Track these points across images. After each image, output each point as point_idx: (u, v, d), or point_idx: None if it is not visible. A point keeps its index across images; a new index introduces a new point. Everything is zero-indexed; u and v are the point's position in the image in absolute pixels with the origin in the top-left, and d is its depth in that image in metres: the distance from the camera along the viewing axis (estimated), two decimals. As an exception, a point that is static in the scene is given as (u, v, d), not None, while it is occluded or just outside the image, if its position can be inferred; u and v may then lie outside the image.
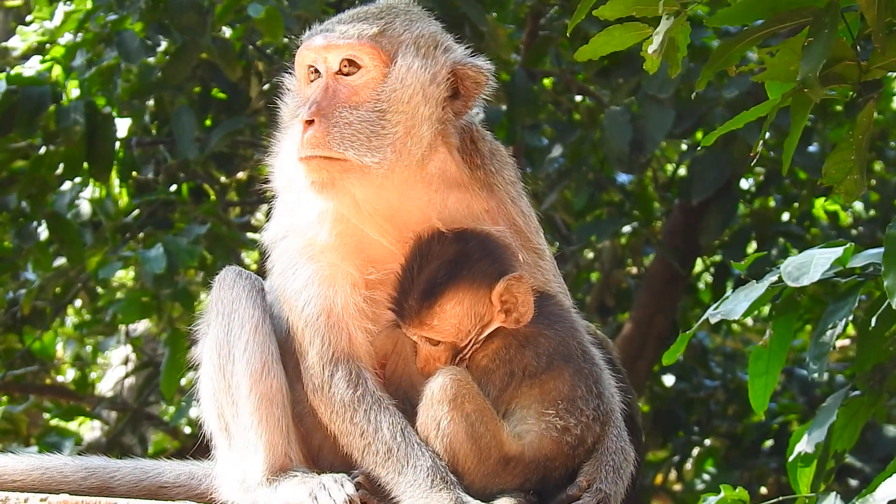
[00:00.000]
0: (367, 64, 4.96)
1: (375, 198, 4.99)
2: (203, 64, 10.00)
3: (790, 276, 5.28)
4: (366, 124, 4.90)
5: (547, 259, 5.24)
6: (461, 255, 4.95)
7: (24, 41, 10.46)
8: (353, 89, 4.96)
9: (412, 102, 4.93)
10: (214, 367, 5.10)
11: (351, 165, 4.88)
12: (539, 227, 5.27)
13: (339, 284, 5.02)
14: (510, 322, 4.96)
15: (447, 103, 5.01)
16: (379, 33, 4.98)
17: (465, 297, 4.94)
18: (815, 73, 4.69)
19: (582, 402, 4.91)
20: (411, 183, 5.00)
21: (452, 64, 5.01)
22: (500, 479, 4.82)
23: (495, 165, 5.17)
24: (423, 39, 5.02)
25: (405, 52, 4.97)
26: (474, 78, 5.02)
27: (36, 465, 5.52)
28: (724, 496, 5.52)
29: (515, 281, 4.94)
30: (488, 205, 5.12)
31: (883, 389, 6.02)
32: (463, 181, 5.09)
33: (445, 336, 4.97)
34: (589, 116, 11.04)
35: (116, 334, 12.89)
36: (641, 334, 11.34)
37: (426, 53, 5.00)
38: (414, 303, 4.94)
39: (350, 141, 4.88)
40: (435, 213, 5.05)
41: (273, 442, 4.99)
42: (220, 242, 10.23)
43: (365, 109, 4.93)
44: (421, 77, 4.95)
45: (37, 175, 9.93)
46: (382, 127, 4.91)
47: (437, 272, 4.93)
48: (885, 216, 10.59)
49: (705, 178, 10.14)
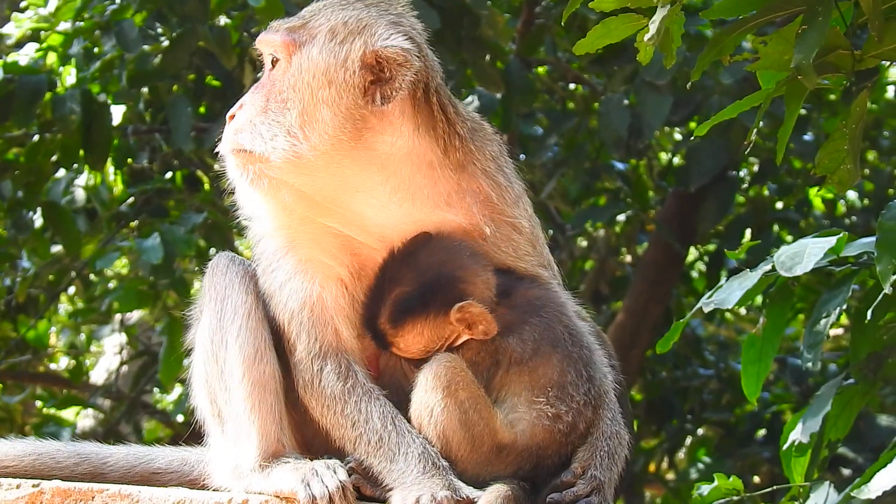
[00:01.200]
0: (282, 57, 5.03)
1: (312, 184, 5.01)
2: (198, 52, 9.99)
3: (783, 266, 5.28)
4: (269, 114, 4.97)
5: (524, 232, 5.21)
6: (421, 286, 4.97)
7: (19, 28, 10.44)
8: (272, 82, 5.03)
9: (311, 87, 4.94)
10: (207, 353, 5.09)
11: (255, 157, 4.95)
12: (519, 199, 5.23)
13: (317, 277, 5.04)
14: (478, 335, 4.98)
15: (374, 87, 5.00)
16: (300, 26, 5.05)
17: (426, 327, 4.97)
18: (808, 61, 4.68)
19: (572, 387, 4.90)
20: (351, 165, 5.00)
21: (365, 47, 4.98)
22: (493, 466, 4.82)
23: (476, 143, 5.16)
24: (342, 27, 5.01)
25: (314, 41, 5.01)
26: (396, 59, 4.98)
27: (28, 451, 5.52)
28: (717, 485, 5.54)
29: (469, 306, 4.95)
30: (458, 184, 5.11)
31: (877, 378, 6.03)
32: (433, 160, 5.08)
33: (414, 354, 5.01)
34: (584, 105, 11.04)
35: (111, 323, 12.88)
36: (635, 322, 11.34)
37: (342, 39, 4.99)
38: (382, 323, 4.99)
39: (250, 132, 4.96)
40: (394, 193, 5.04)
41: (266, 428, 4.98)
42: (216, 231, 10.22)
43: (271, 100, 4.99)
44: (322, 62, 4.96)
45: (33, 164, 9.92)
46: (282, 114, 4.96)
47: (399, 302, 4.97)
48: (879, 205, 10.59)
49: (703, 164, 10.15)
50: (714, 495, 5.59)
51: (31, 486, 4.88)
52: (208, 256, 9.67)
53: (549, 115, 11.12)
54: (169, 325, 10.51)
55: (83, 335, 13.77)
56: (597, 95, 10.88)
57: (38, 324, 12.20)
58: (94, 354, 14.62)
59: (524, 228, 5.22)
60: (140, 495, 4.86)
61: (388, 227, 5.07)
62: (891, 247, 5.02)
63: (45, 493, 4.87)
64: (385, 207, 5.06)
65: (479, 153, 5.15)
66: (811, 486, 5.71)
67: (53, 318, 13.20)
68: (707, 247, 12.27)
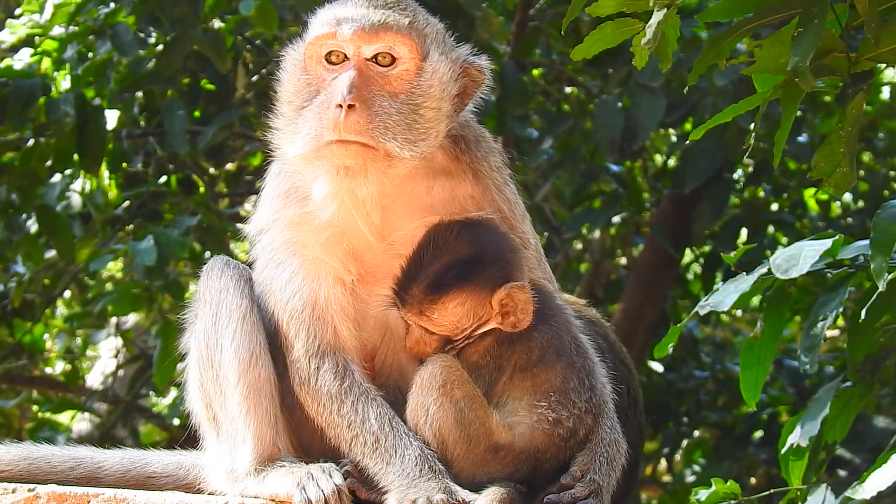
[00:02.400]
0: (404, 56, 4.97)
1: (379, 188, 4.99)
2: (192, 55, 9.98)
3: (779, 269, 5.28)
4: (402, 116, 4.92)
5: (531, 247, 5.25)
6: (475, 257, 4.98)
7: (14, 34, 10.43)
8: (388, 79, 4.97)
9: (440, 98, 4.98)
10: (202, 356, 5.09)
11: (379, 155, 4.89)
12: (525, 215, 5.29)
13: (323, 278, 5.04)
14: (507, 325, 4.99)
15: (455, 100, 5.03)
16: (409, 25, 5.00)
17: (469, 299, 4.98)
18: (804, 64, 4.68)
19: (574, 394, 4.93)
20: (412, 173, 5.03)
21: (463, 62, 5.04)
22: (489, 467, 4.83)
23: (481, 152, 5.19)
24: (440, 35, 5.10)
25: (433, 47, 5.03)
26: (475, 76, 5.05)
27: (24, 456, 5.53)
28: (715, 490, 5.53)
29: (518, 289, 4.99)
30: (473, 191, 5.14)
31: (874, 380, 6.04)
32: (448, 168, 5.11)
33: (442, 330, 5.01)
34: (578, 107, 11.03)
35: (107, 326, 12.86)
36: (630, 324, 11.33)
37: (444, 50, 5.05)
38: (418, 292, 4.98)
39: (392, 132, 4.89)
40: (419, 202, 5.07)
41: (261, 431, 4.99)
42: (210, 234, 10.21)
43: (401, 101, 4.94)
44: (446, 74, 5.00)
45: (27, 167, 9.91)
46: (415, 121, 4.93)
47: (447, 269, 4.96)
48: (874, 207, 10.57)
49: (698, 165, 10.15)
50: (712, 499, 5.59)
51: (27, 491, 4.88)
52: (203, 260, 9.68)
53: (545, 117, 11.12)
54: (163, 329, 10.49)
55: (79, 339, 13.75)
56: (591, 98, 10.87)
57: (34, 328, 12.19)
58: (90, 359, 14.60)
59: (531, 244, 5.27)
60: (135, 499, 4.85)
61: (402, 232, 5.09)
62: (885, 245, 5.03)
63: (41, 497, 4.87)
64: (406, 213, 5.08)
65: (484, 161, 5.19)
66: (809, 488, 5.70)
67: (49, 322, 13.19)
68: (702, 248, 12.27)
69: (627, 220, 11.93)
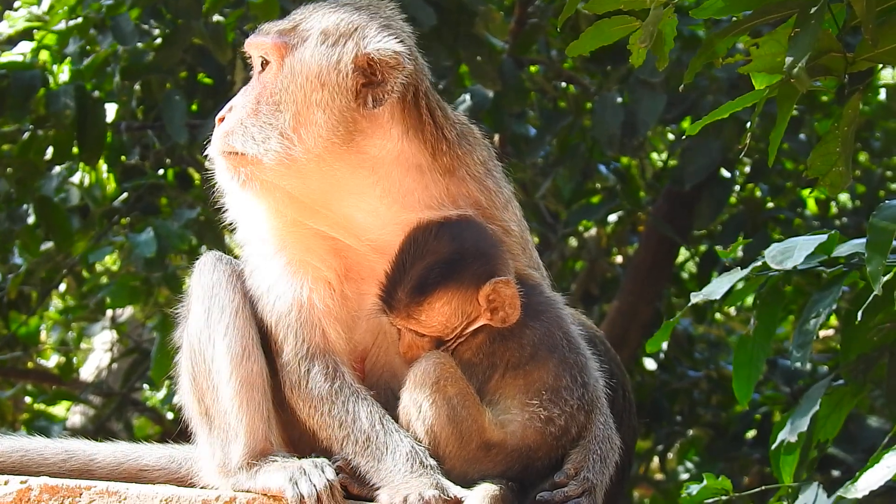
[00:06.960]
0: (273, 59, 5.03)
1: (302, 187, 5.01)
2: (191, 49, 9.98)
3: (774, 260, 5.31)
4: (261, 116, 4.96)
5: (514, 235, 5.22)
6: (455, 255, 4.97)
7: (13, 27, 10.43)
8: (262, 84, 5.03)
9: (304, 90, 4.94)
10: (194, 351, 5.09)
11: (256, 159, 4.93)
12: (508, 202, 5.25)
13: (306, 279, 5.04)
14: (496, 321, 4.98)
15: (366, 90, 5.00)
16: (290, 29, 5.04)
17: (454, 298, 4.96)
18: (801, 64, 4.69)
19: (566, 391, 4.92)
20: (342, 168, 5.01)
21: (357, 50, 4.98)
22: (481, 465, 4.83)
23: (464, 147, 5.16)
24: (333, 29, 5.01)
25: (306, 44, 5.01)
26: (388, 62, 4.98)
27: (16, 448, 5.53)
28: (706, 485, 5.55)
29: (503, 284, 4.97)
30: (448, 187, 5.12)
31: (867, 380, 6.05)
32: (422, 164, 5.08)
33: (432, 331, 5.00)
34: (575, 105, 11.03)
35: (102, 319, 12.87)
36: (625, 323, 11.34)
37: (334, 42, 4.99)
38: (404, 296, 4.96)
39: (242, 135, 4.95)
40: (384, 196, 5.05)
41: (253, 426, 4.98)
42: (208, 228, 10.22)
43: (263, 102, 4.98)
44: (315, 65, 4.96)
45: (25, 159, 9.91)
46: (274, 117, 4.95)
47: (429, 270, 4.95)
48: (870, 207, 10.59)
49: (697, 162, 10.15)
50: (703, 495, 5.60)
51: (19, 483, 4.87)
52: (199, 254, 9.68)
53: (543, 114, 11.11)
54: (161, 322, 10.50)
55: (73, 332, 13.76)
56: (589, 95, 10.87)
57: (30, 320, 12.19)
58: (84, 351, 14.60)
59: (514, 232, 5.23)
60: (128, 492, 4.85)
61: (376, 230, 5.08)
62: (881, 247, 5.04)
63: (33, 489, 4.86)
64: (374, 211, 5.06)
65: (467, 157, 5.16)
66: (800, 486, 5.72)
67: (45, 314, 13.20)
68: (698, 247, 12.27)
69: (624, 218, 11.94)
